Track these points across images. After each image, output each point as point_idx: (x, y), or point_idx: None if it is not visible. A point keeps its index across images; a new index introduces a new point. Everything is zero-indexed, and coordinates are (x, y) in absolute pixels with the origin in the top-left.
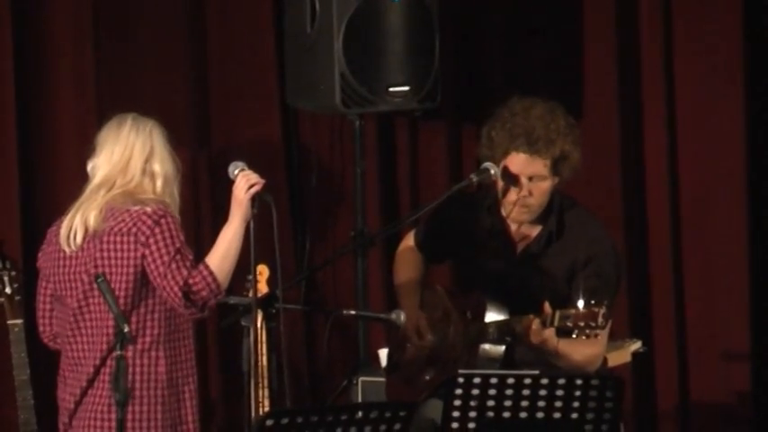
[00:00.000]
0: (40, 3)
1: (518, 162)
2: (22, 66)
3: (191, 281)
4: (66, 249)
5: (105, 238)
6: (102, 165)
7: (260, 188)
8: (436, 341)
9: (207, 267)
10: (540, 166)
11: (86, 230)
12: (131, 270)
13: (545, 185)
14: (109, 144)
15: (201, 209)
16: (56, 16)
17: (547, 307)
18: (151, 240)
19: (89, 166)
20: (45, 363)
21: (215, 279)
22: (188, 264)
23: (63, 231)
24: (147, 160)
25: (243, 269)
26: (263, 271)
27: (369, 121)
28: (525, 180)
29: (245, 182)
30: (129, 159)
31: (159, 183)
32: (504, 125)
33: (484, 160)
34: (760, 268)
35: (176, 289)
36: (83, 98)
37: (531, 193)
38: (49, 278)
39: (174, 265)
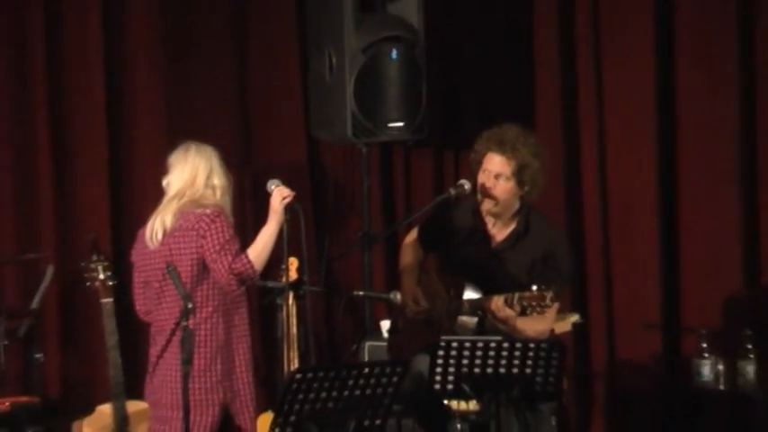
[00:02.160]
0: (129, 55)
1: (489, 160)
2: (111, 104)
3: (234, 265)
4: (150, 246)
5: (177, 234)
6: (174, 181)
7: (291, 200)
8: (429, 307)
9: (247, 256)
10: (504, 165)
11: (164, 231)
12: (194, 257)
13: (507, 185)
14: (179, 165)
15: (246, 214)
16: (137, 67)
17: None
18: (207, 234)
19: (164, 183)
20: (129, 332)
21: (252, 266)
22: (233, 252)
23: (147, 233)
24: (209, 176)
25: (278, 260)
26: (293, 262)
27: (373, 148)
28: (492, 176)
29: (279, 195)
30: (195, 176)
31: (218, 193)
32: (485, 135)
33: (472, 164)
34: (667, 258)
35: (223, 271)
36: (157, 131)
37: (494, 186)
38: (140, 269)
39: (222, 253)
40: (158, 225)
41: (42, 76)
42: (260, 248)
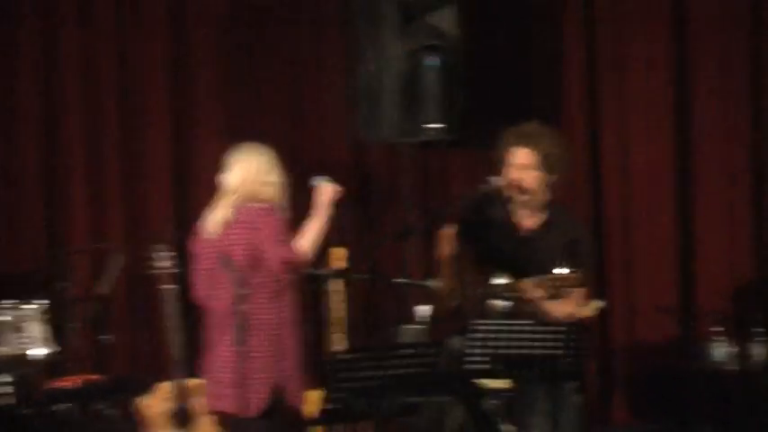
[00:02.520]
0: (192, 65)
1: (513, 153)
2: (175, 107)
3: (286, 255)
4: (209, 237)
5: (233, 226)
6: (233, 178)
7: (338, 195)
8: (459, 304)
9: (298, 247)
10: (528, 155)
11: (222, 223)
12: (249, 247)
13: (533, 174)
14: (238, 163)
15: (296, 208)
16: (201, 75)
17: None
18: (261, 227)
19: (223, 179)
20: (189, 316)
21: (303, 255)
22: (285, 243)
23: (206, 225)
24: (264, 174)
25: (327, 250)
26: (340, 251)
27: (413, 147)
28: (519, 169)
29: (326, 190)
30: (251, 174)
31: (273, 189)
32: (506, 132)
33: (500, 162)
34: (684, 247)
35: (276, 260)
36: (216, 132)
37: (522, 179)
38: (199, 258)
39: (275, 244)
40: (217, 218)
41: (113, 84)
42: (309, 239)
